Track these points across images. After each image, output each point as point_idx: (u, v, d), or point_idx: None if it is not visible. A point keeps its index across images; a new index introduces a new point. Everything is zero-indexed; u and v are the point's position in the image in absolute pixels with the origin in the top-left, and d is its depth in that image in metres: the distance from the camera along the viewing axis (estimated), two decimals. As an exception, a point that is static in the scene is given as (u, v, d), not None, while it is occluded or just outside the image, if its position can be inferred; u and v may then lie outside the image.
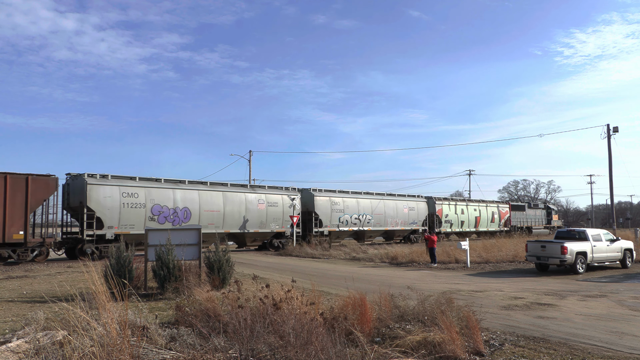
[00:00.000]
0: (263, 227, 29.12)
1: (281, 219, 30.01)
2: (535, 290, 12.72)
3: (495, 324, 8.31)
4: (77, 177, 23.25)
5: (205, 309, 7.61)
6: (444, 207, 40.33)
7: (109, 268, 11.11)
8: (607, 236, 18.60)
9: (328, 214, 32.15)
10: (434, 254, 21.18)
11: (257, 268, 19.06)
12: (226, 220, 27.35)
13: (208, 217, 26.51)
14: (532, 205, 53.44)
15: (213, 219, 26.75)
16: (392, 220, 36.10)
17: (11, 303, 10.65)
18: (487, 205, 45.73)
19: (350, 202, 33.58)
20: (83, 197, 22.47)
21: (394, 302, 7.92)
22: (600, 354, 6.46)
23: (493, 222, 45.80)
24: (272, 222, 29.56)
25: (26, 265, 20.17)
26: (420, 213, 38.56)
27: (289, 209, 30.23)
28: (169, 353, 5.53)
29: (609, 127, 36.70)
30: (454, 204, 42.08)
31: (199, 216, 26.20)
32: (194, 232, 12.38)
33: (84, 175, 22.93)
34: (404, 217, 37.04)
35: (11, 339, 6.28)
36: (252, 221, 28.60)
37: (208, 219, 26.45)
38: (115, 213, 23.20)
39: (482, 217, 44.34)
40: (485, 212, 44.88)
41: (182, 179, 26.67)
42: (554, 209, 57.95)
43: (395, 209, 36.57)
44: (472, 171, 72.53)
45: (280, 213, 29.94)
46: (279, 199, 30.03)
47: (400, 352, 6.03)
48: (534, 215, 52.15)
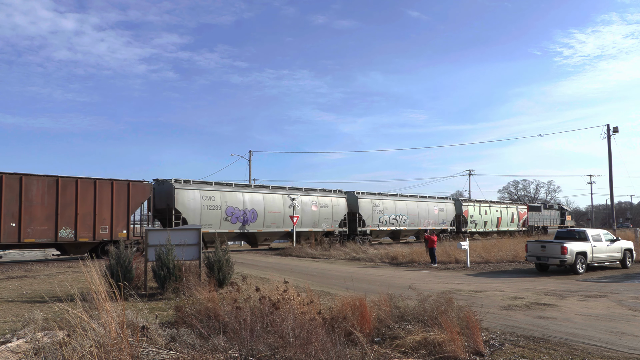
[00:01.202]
0: (315, 226, 31.62)
1: (331, 219, 32.50)
2: (535, 291, 12.72)
3: (495, 324, 8.31)
4: (163, 182, 25.85)
5: (205, 309, 7.61)
6: (469, 208, 42.97)
7: (108, 268, 11.12)
8: (607, 236, 18.60)
9: (370, 215, 34.53)
10: (434, 254, 21.18)
11: (257, 268, 19.06)
12: (286, 220, 29.86)
13: (271, 217, 29.19)
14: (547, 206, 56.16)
15: (275, 219, 29.42)
16: (424, 220, 38.72)
17: (11, 303, 10.65)
18: (507, 207, 48.43)
19: (388, 204, 36.11)
20: (170, 200, 25.06)
21: (394, 302, 7.92)
22: (600, 354, 6.46)
23: (512, 222, 48.25)
24: (323, 222, 32.11)
25: (26, 265, 20.23)
26: (448, 214, 41.27)
27: (336, 210, 32.84)
28: (169, 353, 5.53)
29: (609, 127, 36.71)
30: (478, 205, 44.62)
31: (264, 217, 28.88)
32: (194, 232, 12.38)
33: (170, 180, 25.61)
34: (435, 217, 39.74)
35: (11, 339, 6.28)
36: (306, 221, 31.02)
37: (271, 219, 29.19)
38: (197, 214, 25.78)
39: (503, 217, 46.92)
40: (506, 213, 47.49)
41: (248, 184, 30.40)
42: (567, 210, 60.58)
43: (427, 210, 39.26)
44: (472, 171, 72.65)
45: (330, 214, 32.43)
46: (329, 201, 32.57)
47: (400, 352, 6.03)
48: (549, 216, 54.79)
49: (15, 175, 20.17)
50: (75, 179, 21.72)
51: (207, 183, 27.32)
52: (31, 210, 20.37)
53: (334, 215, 32.53)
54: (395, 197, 37.42)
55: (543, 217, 53.40)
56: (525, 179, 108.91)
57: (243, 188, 28.71)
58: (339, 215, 32.85)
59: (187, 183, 26.12)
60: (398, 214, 36.61)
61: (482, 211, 44.36)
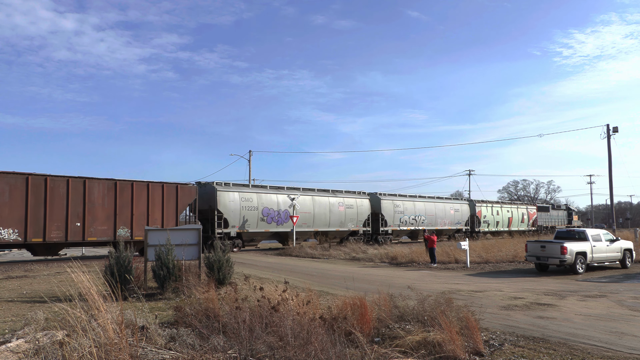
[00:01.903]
0: (342, 226, 33.36)
1: (356, 219, 34.18)
2: (535, 291, 12.72)
3: (495, 324, 8.31)
4: (205, 185, 27.78)
5: (204, 309, 7.61)
6: (482, 209, 45.02)
7: (108, 268, 11.11)
8: (606, 236, 18.59)
9: (392, 215, 36.36)
10: (433, 254, 21.18)
11: (257, 268, 19.06)
12: (315, 221, 31.73)
13: (302, 217, 30.67)
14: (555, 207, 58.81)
15: (306, 220, 31.01)
16: (441, 220, 40.63)
17: (11, 303, 10.65)
18: (517, 207, 50.44)
19: (408, 205, 38.01)
20: (213, 202, 26.82)
21: (394, 302, 7.92)
22: (600, 354, 6.46)
23: (523, 222, 50.07)
24: (349, 222, 33.77)
25: (26, 265, 20.25)
26: (463, 214, 43.25)
27: (361, 211, 34.51)
28: (169, 353, 5.53)
29: (608, 127, 36.72)
30: (491, 206, 46.54)
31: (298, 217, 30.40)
32: (194, 232, 12.38)
33: (212, 183, 27.61)
34: (451, 217, 41.69)
35: (11, 339, 6.28)
36: (334, 221, 32.87)
37: (302, 220, 30.70)
38: (237, 215, 27.70)
39: (514, 217, 48.84)
40: (516, 213, 49.40)
41: (281, 186, 31.24)
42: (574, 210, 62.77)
43: (443, 210, 41.19)
44: (472, 171, 72.64)
45: (355, 214, 34.10)
46: (354, 202, 34.31)
47: (400, 352, 6.03)
48: (557, 216, 57.14)
49: (79, 178, 21.90)
50: (131, 182, 23.39)
51: (245, 185, 29.47)
52: (93, 211, 22.13)
53: (358, 216, 34.23)
54: (415, 198, 39.54)
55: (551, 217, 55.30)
56: (525, 179, 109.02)
57: (277, 190, 30.40)
58: (363, 215, 34.53)
59: (227, 186, 28.13)
60: (417, 215, 38.49)
61: (494, 211, 46.27)
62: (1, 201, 19.77)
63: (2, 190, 19.83)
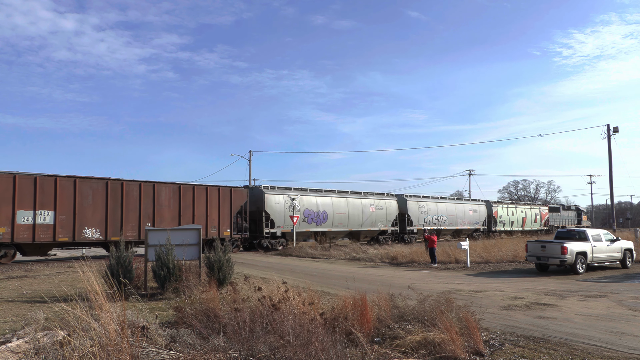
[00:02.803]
0: (373, 225, 35.38)
1: (385, 219, 36.29)
2: (535, 291, 12.71)
3: (495, 324, 8.31)
4: (253, 188, 30.12)
5: (205, 309, 7.61)
6: (498, 209, 47.22)
7: (109, 268, 11.11)
8: (607, 236, 18.58)
9: (417, 215, 38.61)
10: (434, 254, 21.17)
11: (257, 268, 19.06)
12: (349, 221, 33.86)
13: (338, 218, 33.04)
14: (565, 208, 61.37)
15: (341, 220, 33.35)
16: (461, 220, 42.89)
17: (11, 303, 10.65)
18: (531, 208, 52.58)
19: (431, 206, 40.14)
20: (260, 204, 28.96)
21: (394, 302, 7.92)
22: (600, 354, 6.46)
23: (535, 222, 52.10)
24: (379, 222, 35.78)
25: (26, 265, 20.25)
26: (481, 215, 45.46)
27: (389, 212, 36.63)
28: (169, 353, 5.53)
29: (609, 127, 36.72)
30: (506, 206, 48.76)
31: (332, 218, 32.77)
32: (194, 232, 12.37)
33: (260, 186, 29.81)
34: (470, 218, 44.02)
35: (11, 339, 6.28)
36: (366, 221, 34.84)
37: (338, 220, 33.04)
38: (281, 216, 29.59)
39: (527, 217, 50.78)
40: (530, 214, 51.39)
41: (319, 189, 33.57)
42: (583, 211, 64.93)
43: (463, 211, 43.41)
44: (472, 171, 72.64)
45: (384, 214, 36.23)
46: (383, 203, 36.48)
47: (400, 352, 6.03)
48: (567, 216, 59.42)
49: (149, 183, 24.37)
50: (192, 186, 25.87)
51: (288, 189, 31.30)
52: (161, 212, 24.50)
53: (387, 216, 36.44)
54: (437, 199, 41.89)
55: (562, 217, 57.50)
56: (525, 179, 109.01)
57: (316, 193, 32.74)
58: (391, 215, 36.78)
59: (273, 189, 30.21)
60: (440, 215, 40.68)
61: (509, 212, 48.39)
62: (86, 204, 22.16)
63: (87, 194, 22.22)
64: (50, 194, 21.26)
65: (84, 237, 21.89)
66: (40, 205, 20.93)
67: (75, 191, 21.89)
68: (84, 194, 22.12)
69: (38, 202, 20.91)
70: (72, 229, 21.57)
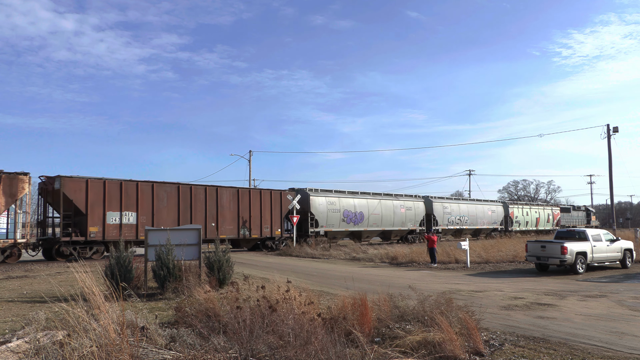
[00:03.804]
0: (403, 225, 38.01)
1: (414, 219, 38.89)
2: (535, 291, 12.71)
3: (495, 324, 8.31)
4: (299, 190, 32.25)
5: (205, 309, 7.61)
6: (514, 210, 49.73)
7: (108, 268, 11.11)
8: (607, 236, 18.58)
9: (441, 216, 41.17)
10: (434, 254, 21.16)
11: (257, 268, 19.05)
12: (382, 221, 36.48)
13: (373, 218, 35.51)
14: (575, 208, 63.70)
15: (376, 220, 35.85)
16: (480, 220, 45.67)
17: (11, 303, 10.65)
18: (544, 208, 55.12)
19: (454, 207, 42.89)
20: (306, 205, 31.42)
21: (394, 302, 7.92)
22: (600, 354, 6.46)
23: (548, 222, 54.50)
24: (408, 222, 38.41)
25: (26, 265, 20.26)
26: (498, 215, 48.08)
27: (417, 212, 39.14)
28: (169, 353, 5.53)
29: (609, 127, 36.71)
30: (521, 207, 51.29)
31: (368, 218, 35.11)
32: (194, 232, 12.37)
33: (305, 189, 32.26)
34: (488, 218, 46.75)
35: (11, 339, 6.28)
36: (397, 221, 37.52)
37: (373, 220, 35.51)
38: (324, 216, 32.40)
39: (541, 218, 53.38)
40: (543, 214, 53.88)
41: (356, 191, 35.80)
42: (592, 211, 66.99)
43: (483, 211, 46.22)
44: (472, 171, 72.66)
45: (413, 215, 38.92)
46: (412, 204, 39.24)
47: (400, 352, 6.03)
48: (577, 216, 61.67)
49: (213, 187, 27.16)
50: (248, 189, 29.15)
51: (329, 191, 33.84)
52: (223, 213, 27.35)
53: (415, 216, 39.09)
54: (459, 201, 45.36)
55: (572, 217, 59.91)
56: (525, 179, 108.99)
57: (353, 195, 35.16)
58: (419, 216, 39.39)
59: (317, 191, 32.75)
60: (462, 215, 43.52)
61: (524, 212, 50.85)
62: (161, 206, 24.69)
63: (162, 197, 24.79)
64: (133, 197, 23.79)
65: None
66: (125, 207, 23.49)
67: (153, 194, 24.52)
68: (160, 197, 24.82)
69: (123, 204, 23.41)
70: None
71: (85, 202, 22.22)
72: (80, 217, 22.37)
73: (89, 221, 22.25)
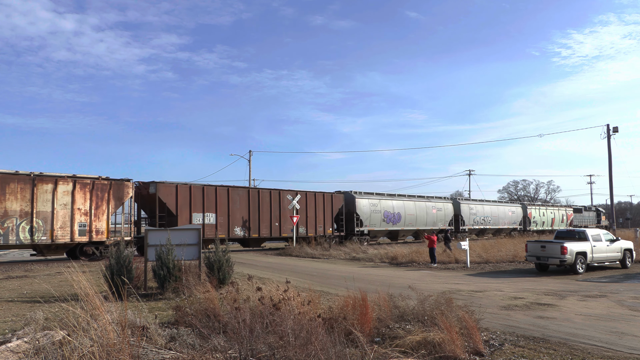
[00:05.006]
0: (434, 225, 39.99)
1: (444, 219, 41.36)
2: (535, 291, 12.71)
3: (495, 324, 8.31)
4: (346, 193, 34.81)
5: (204, 309, 7.61)
6: (532, 210, 52.42)
7: (108, 268, 11.10)
8: (606, 236, 18.58)
9: (468, 216, 44.08)
10: (434, 254, 21.16)
11: (257, 268, 19.05)
12: (417, 221, 38.95)
13: (408, 219, 38.31)
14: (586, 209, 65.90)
15: (411, 220, 38.57)
16: (502, 220, 48.39)
17: (11, 303, 10.64)
18: (558, 209, 58.27)
19: (479, 208, 45.82)
20: (352, 207, 34.11)
21: (394, 302, 7.92)
22: (600, 354, 6.46)
23: (562, 222, 57.11)
24: (439, 222, 40.76)
25: (26, 265, 20.25)
26: (518, 215, 50.55)
27: (446, 213, 41.60)
28: (169, 353, 5.52)
29: (608, 127, 36.72)
30: (538, 208, 54.05)
31: (405, 218, 37.84)
32: (194, 232, 12.36)
33: (351, 192, 34.77)
34: (509, 218, 49.48)
35: (11, 339, 6.28)
36: (429, 221, 39.84)
37: (409, 220, 38.31)
38: (368, 217, 34.75)
39: (556, 218, 56.01)
40: (558, 214, 56.69)
41: (393, 193, 38.61)
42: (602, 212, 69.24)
43: (504, 212, 48.97)
44: (472, 171, 72.70)
45: (443, 215, 41.38)
46: (442, 205, 41.81)
47: (400, 352, 6.03)
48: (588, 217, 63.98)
49: (276, 190, 29.83)
50: (305, 192, 31.65)
51: (370, 193, 36.31)
52: (285, 214, 29.86)
53: (445, 217, 41.58)
54: (483, 202, 47.91)
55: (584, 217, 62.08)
56: (525, 179, 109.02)
57: (391, 197, 37.84)
58: (448, 216, 41.90)
59: (361, 194, 35.19)
60: (485, 216, 46.36)
61: (541, 213, 53.59)
62: (235, 207, 27.65)
63: (235, 199, 27.68)
64: (212, 200, 26.61)
65: (234, 234, 27.42)
66: (207, 209, 26.35)
67: (228, 198, 27.31)
68: (234, 200, 27.55)
69: (205, 207, 26.23)
70: (227, 228, 27.05)
71: (175, 204, 25.05)
72: (170, 217, 24.99)
73: (179, 221, 24.85)
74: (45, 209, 20.61)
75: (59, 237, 20.93)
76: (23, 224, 19.99)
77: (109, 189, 22.54)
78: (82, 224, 21.60)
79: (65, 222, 21.11)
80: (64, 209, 21.09)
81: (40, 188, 20.51)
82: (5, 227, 19.57)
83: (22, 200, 20.01)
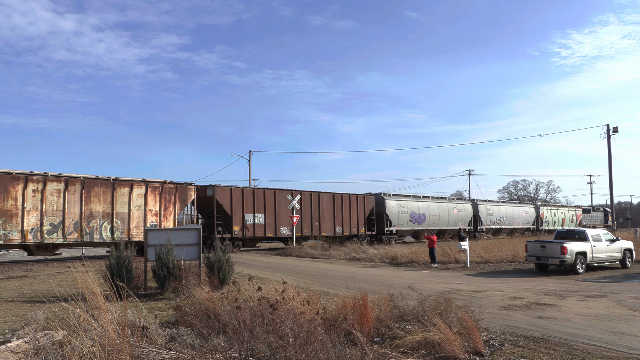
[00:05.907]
0: (455, 225, 42.44)
1: (464, 220, 43.80)
2: (535, 291, 12.71)
3: (495, 324, 8.31)
4: (376, 195, 36.89)
5: (204, 309, 7.61)
6: (544, 211, 54.64)
7: (108, 268, 11.11)
8: (606, 236, 18.58)
9: (485, 217, 46.43)
10: (433, 254, 21.16)
11: (257, 268, 19.05)
12: (440, 221, 41.13)
13: (432, 219, 40.50)
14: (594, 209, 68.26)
15: (434, 220, 40.71)
16: (516, 220, 50.59)
17: (11, 303, 10.65)
18: (568, 209, 60.41)
19: (495, 209, 48.20)
20: (382, 208, 36.17)
21: (394, 302, 7.92)
22: (600, 354, 6.46)
23: (572, 222, 58.97)
24: (459, 222, 43.13)
25: (26, 265, 20.26)
26: (531, 216, 52.73)
27: (466, 214, 43.88)
28: (169, 353, 5.53)
29: (608, 127, 36.75)
30: (549, 208, 56.41)
31: (429, 219, 39.90)
32: (194, 232, 12.36)
33: (381, 194, 36.81)
34: (523, 218, 51.64)
35: (11, 339, 6.28)
36: (451, 222, 42.29)
37: (432, 220, 40.46)
38: (396, 217, 37.00)
39: (566, 218, 57.98)
40: (568, 215, 58.76)
41: (418, 194, 41.51)
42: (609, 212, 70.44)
43: (518, 213, 51.22)
44: (472, 171, 72.73)
45: (463, 216, 43.82)
46: (462, 206, 44.38)
47: (399, 352, 6.03)
48: (596, 217, 65.92)
49: (316, 192, 32.31)
50: (341, 194, 33.77)
51: (398, 195, 38.73)
52: (323, 214, 32.42)
53: (465, 217, 43.94)
54: (499, 203, 50.81)
55: (592, 217, 63.96)
56: (524, 179, 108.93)
57: (417, 198, 40.31)
58: (467, 217, 44.26)
59: (390, 196, 37.44)
60: (501, 216, 48.63)
61: (552, 213, 55.76)
62: (281, 209, 29.83)
63: (281, 201, 29.91)
64: (261, 202, 28.90)
65: (280, 233, 29.76)
66: (257, 210, 28.61)
67: (275, 199, 29.55)
68: (280, 202, 29.82)
69: (256, 208, 28.52)
70: (274, 227, 29.41)
71: (230, 206, 27.32)
72: (226, 218, 27.22)
73: (233, 221, 27.32)
74: (123, 210, 22.84)
75: (134, 235, 22.96)
76: (105, 223, 22.24)
77: (175, 192, 24.87)
78: (153, 223, 23.77)
79: (139, 222, 23.24)
80: (138, 210, 23.32)
81: (119, 191, 22.72)
82: (90, 226, 21.78)
83: (104, 202, 22.24)
